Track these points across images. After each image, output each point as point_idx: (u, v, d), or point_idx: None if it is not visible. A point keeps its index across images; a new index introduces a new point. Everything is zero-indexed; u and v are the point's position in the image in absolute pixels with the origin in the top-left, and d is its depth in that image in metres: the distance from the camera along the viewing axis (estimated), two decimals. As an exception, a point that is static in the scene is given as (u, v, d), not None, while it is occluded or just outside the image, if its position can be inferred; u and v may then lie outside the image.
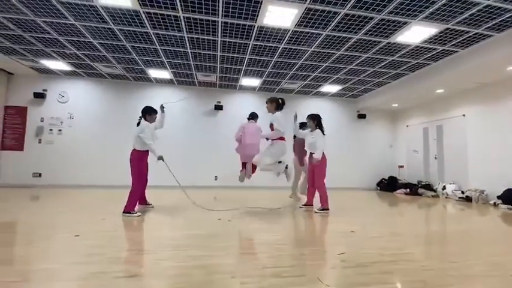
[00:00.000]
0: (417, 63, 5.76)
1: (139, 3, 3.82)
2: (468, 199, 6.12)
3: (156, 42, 5.07)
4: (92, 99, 7.45)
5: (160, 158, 3.87)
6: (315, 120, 4.40)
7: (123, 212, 3.62)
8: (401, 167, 8.73)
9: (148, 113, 3.97)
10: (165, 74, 6.96)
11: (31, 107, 7.09)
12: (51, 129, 7.15)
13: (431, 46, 4.92)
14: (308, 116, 4.52)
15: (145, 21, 4.30)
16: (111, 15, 4.18)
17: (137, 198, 3.81)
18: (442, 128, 7.41)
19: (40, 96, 7.06)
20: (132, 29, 4.58)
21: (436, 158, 7.55)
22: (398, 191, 7.73)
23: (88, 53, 5.71)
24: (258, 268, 1.93)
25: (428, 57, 5.42)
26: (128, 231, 3.03)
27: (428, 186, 7.29)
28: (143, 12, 4.05)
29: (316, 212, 4.17)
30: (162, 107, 4.17)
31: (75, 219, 3.37)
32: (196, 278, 1.74)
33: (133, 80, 7.51)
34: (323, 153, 4.27)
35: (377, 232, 3.11)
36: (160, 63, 6.23)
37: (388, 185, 8.23)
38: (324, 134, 4.33)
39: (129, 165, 3.78)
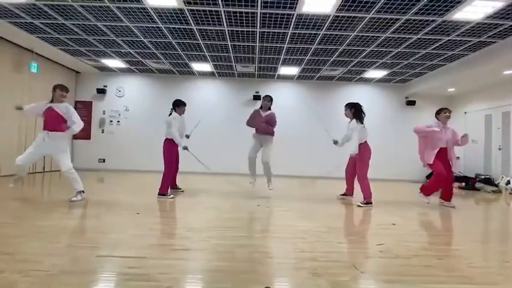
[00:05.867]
0: (479, 42, 5.10)
1: (184, 1, 4.06)
2: (539, 196, 5.36)
3: (198, 37, 5.34)
4: (144, 93, 8.19)
5: (185, 148, 4.14)
6: (352, 109, 4.06)
7: (158, 195, 3.92)
8: (457, 158, 7.90)
9: (178, 105, 4.23)
10: (206, 67, 7.30)
11: (95, 101, 8.09)
12: (111, 121, 8.09)
13: (496, 22, 4.31)
14: (345, 104, 4.21)
15: (189, 18, 4.56)
16: (159, 15, 4.52)
17: (169, 182, 4.09)
18: (509, 114, 6.49)
19: (101, 91, 8.01)
20: (177, 26, 4.89)
21: (500, 149, 6.68)
22: (451, 185, 7.07)
23: (140, 51, 6.26)
24: (294, 251, 2.05)
25: (494, 34, 4.75)
26: (179, 212, 3.40)
27: (489, 181, 6.52)
28: (187, 9, 4.29)
29: (359, 206, 3.85)
30: (187, 136, 4.49)
31: (135, 199, 3.87)
32: (239, 255, 1.94)
33: (178, 73, 8.02)
34: (366, 143, 3.96)
35: (422, 226, 2.99)
36: (203, 57, 6.54)
37: (440, 178, 7.56)
38: (362, 124, 3.96)
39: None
